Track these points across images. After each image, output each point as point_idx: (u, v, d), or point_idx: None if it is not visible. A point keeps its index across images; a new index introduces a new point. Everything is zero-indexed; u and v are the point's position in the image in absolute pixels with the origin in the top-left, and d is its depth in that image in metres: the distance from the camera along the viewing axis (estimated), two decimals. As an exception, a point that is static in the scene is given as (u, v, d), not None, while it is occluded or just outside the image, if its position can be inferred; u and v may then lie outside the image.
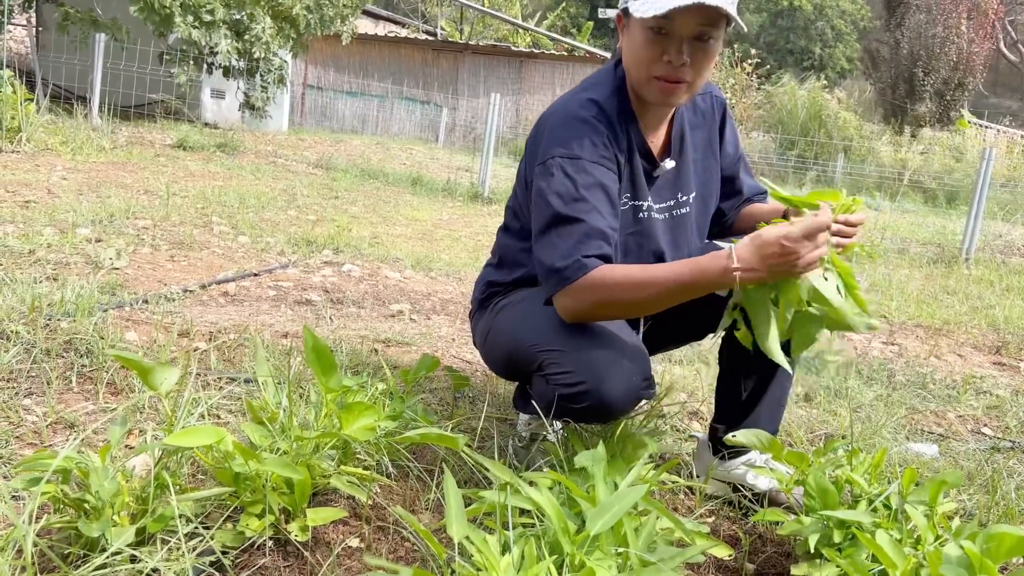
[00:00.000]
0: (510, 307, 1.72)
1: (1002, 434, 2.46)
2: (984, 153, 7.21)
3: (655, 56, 1.49)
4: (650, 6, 1.44)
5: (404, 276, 3.74)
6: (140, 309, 2.60)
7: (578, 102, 1.57)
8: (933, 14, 19.29)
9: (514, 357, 1.67)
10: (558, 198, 1.50)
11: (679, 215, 1.70)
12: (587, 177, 1.51)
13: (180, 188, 5.54)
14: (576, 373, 1.49)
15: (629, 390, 1.50)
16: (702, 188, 1.74)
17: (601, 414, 1.53)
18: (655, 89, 1.53)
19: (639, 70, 1.53)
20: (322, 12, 10.57)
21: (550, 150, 1.54)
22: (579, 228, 1.48)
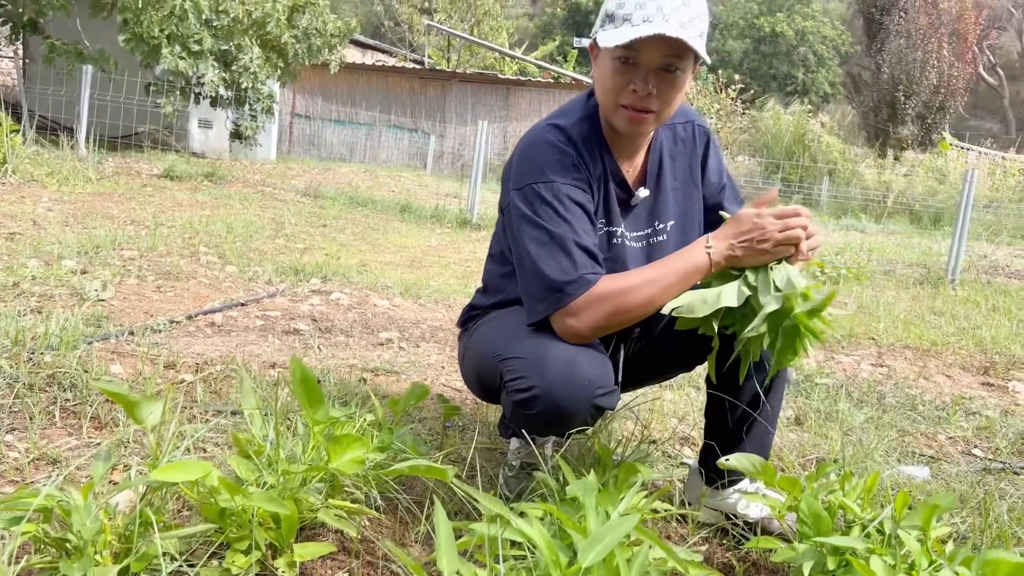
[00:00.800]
0: (483, 325, 1.74)
1: (992, 455, 2.46)
2: (966, 175, 7.29)
3: (622, 85, 1.52)
4: (615, 37, 1.47)
5: (393, 304, 3.73)
6: (126, 341, 2.57)
7: (544, 129, 1.60)
8: (912, 39, 19.59)
9: (481, 372, 1.68)
10: (540, 221, 1.52)
11: (656, 243, 1.71)
12: (565, 199, 1.54)
13: (167, 218, 5.53)
14: (528, 378, 1.48)
15: (582, 396, 1.47)
16: (681, 217, 1.74)
17: (555, 422, 1.50)
18: (623, 118, 1.55)
19: (607, 98, 1.56)
20: (310, 42, 10.66)
21: (523, 177, 1.56)
22: (570, 247, 1.51)
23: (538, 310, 1.53)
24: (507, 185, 1.62)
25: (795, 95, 26.75)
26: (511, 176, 1.60)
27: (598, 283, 1.49)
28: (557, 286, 1.49)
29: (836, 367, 3.39)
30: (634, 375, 1.85)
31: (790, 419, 2.62)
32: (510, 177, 1.61)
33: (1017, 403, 3.10)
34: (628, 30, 1.46)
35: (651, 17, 1.45)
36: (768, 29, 28.10)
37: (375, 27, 27.74)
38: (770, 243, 1.47)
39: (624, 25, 1.47)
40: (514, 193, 1.57)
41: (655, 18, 1.45)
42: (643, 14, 1.46)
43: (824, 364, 3.38)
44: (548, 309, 1.51)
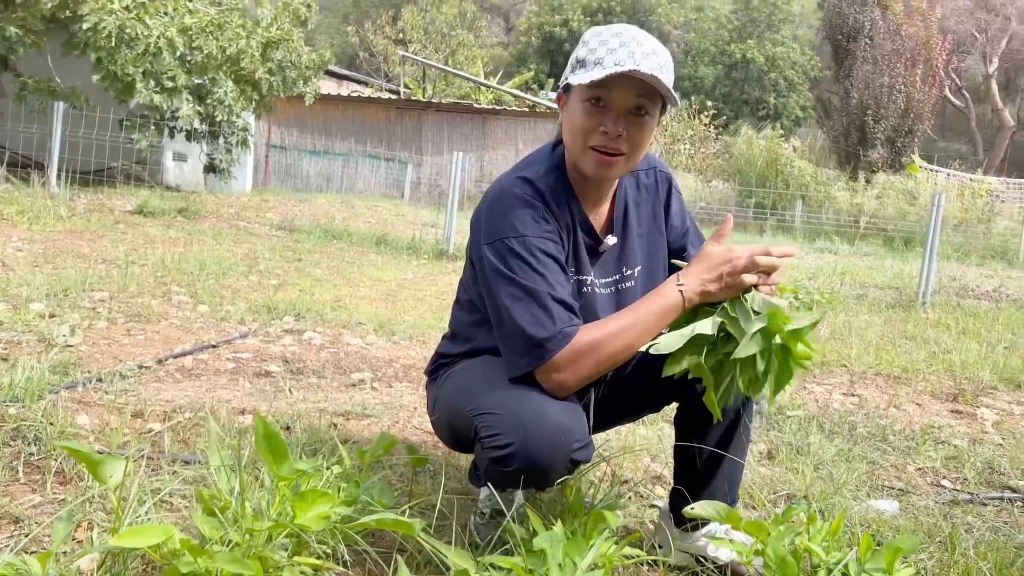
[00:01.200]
0: (453, 376, 1.73)
1: (961, 486, 2.49)
2: (934, 199, 7.42)
3: (592, 126, 1.54)
4: (590, 74, 1.50)
5: (366, 342, 3.72)
6: (93, 389, 2.55)
7: (512, 182, 1.61)
8: (880, 65, 19.99)
9: (454, 425, 1.68)
10: (514, 275, 1.53)
11: (624, 288, 1.73)
12: (537, 252, 1.55)
13: (139, 256, 5.49)
14: (505, 435, 1.48)
15: (559, 451, 1.48)
16: (647, 261, 1.77)
17: (533, 478, 1.51)
18: (592, 160, 1.57)
19: (576, 140, 1.58)
20: (284, 74, 10.69)
21: (494, 232, 1.57)
22: (546, 301, 1.52)
23: (520, 365, 1.54)
24: (477, 237, 1.62)
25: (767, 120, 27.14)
26: (481, 230, 1.61)
27: (577, 335, 1.51)
28: (537, 342, 1.50)
29: (808, 397, 3.42)
30: (604, 417, 1.87)
31: (762, 453, 2.63)
32: (480, 229, 1.61)
33: (985, 431, 3.14)
34: (601, 71, 1.49)
35: (622, 61, 1.49)
36: (739, 55, 28.56)
37: (350, 58, 27.89)
38: (738, 269, 1.50)
39: (596, 68, 1.51)
40: (486, 248, 1.58)
41: (626, 62, 1.49)
42: (615, 58, 1.50)
43: (796, 395, 3.41)
44: (530, 364, 1.52)
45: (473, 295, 1.73)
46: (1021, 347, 5.12)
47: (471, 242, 1.67)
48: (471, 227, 1.67)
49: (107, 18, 8.09)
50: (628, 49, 1.50)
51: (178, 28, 8.73)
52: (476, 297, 1.71)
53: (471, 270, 1.72)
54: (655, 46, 1.54)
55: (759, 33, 29.17)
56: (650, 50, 1.51)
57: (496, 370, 1.63)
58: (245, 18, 10.25)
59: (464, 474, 2.11)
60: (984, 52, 30.76)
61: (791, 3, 31.38)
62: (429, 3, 24.33)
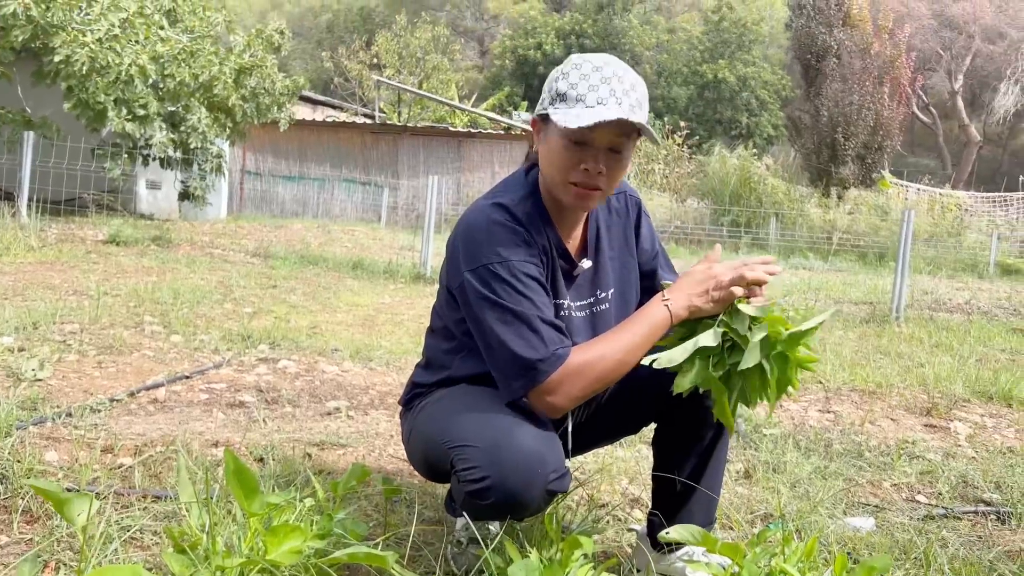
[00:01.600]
0: (428, 407, 1.72)
1: (935, 501, 2.51)
2: (904, 215, 7.53)
3: (573, 164, 1.55)
4: (574, 118, 1.50)
5: (342, 369, 3.70)
6: (63, 424, 2.50)
7: (489, 209, 1.61)
8: (849, 83, 20.34)
9: (430, 458, 1.66)
10: (501, 300, 1.53)
11: (599, 311, 1.75)
12: (521, 275, 1.55)
13: (111, 286, 5.43)
14: (480, 468, 1.47)
15: (536, 484, 1.48)
16: (620, 284, 1.79)
17: (510, 510, 1.51)
18: (571, 195, 1.59)
19: (556, 176, 1.58)
20: (258, 101, 10.68)
21: (476, 258, 1.56)
22: (536, 323, 1.53)
23: (514, 389, 1.54)
24: (456, 265, 1.61)
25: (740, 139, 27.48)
26: (461, 257, 1.60)
27: (570, 356, 1.52)
28: (530, 364, 1.51)
29: (784, 415, 3.44)
30: (582, 441, 1.87)
31: (739, 472, 2.64)
32: (459, 256, 1.60)
33: (959, 444, 3.17)
34: (585, 111, 1.50)
35: (604, 100, 1.51)
36: (711, 76, 28.93)
37: (325, 83, 27.94)
38: (725, 283, 1.54)
39: (578, 106, 1.51)
40: (468, 274, 1.57)
41: (608, 101, 1.51)
42: (596, 96, 1.51)
43: (772, 413, 3.42)
44: (525, 387, 1.52)
45: (449, 321, 1.72)
46: (992, 360, 5.19)
47: (448, 270, 1.66)
48: (448, 254, 1.66)
49: (79, 50, 8.04)
50: (609, 87, 1.51)
51: (150, 56, 8.70)
52: (452, 323, 1.71)
53: (446, 297, 1.71)
54: (633, 79, 1.56)
55: (730, 54, 29.58)
56: (629, 85, 1.53)
57: (472, 400, 1.62)
58: (218, 45, 10.24)
59: (440, 502, 2.10)
60: (949, 69, 31.41)
61: (760, 24, 31.90)
62: (403, 28, 24.45)
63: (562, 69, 1.59)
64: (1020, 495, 2.53)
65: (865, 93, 20.28)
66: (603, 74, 1.52)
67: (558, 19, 30.54)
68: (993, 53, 30.54)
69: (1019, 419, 3.67)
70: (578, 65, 1.55)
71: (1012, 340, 6.11)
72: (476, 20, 38.08)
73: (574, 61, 1.58)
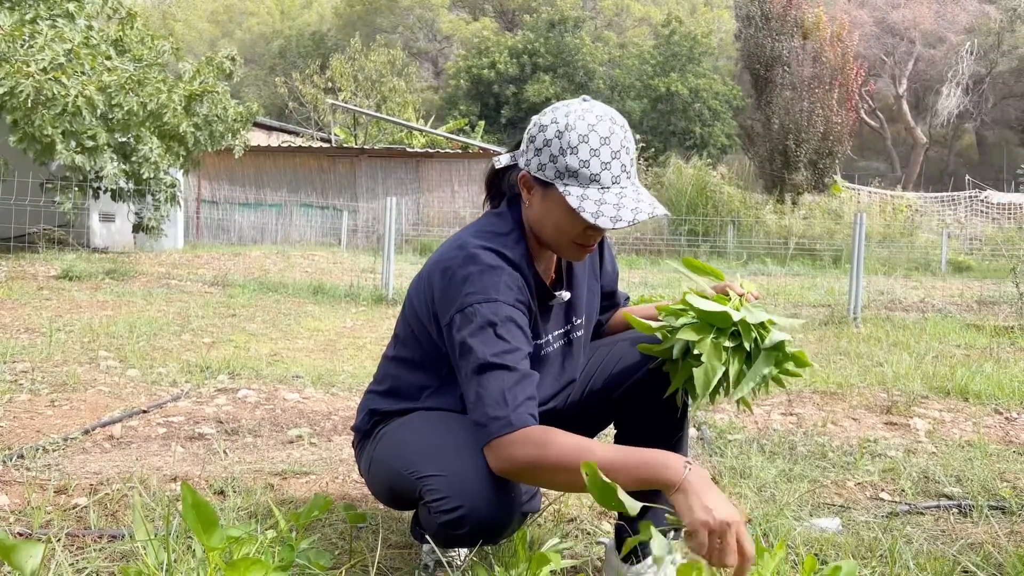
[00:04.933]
0: (388, 435, 1.68)
1: (898, 497, 2.54)
2: (856, 219, 7.67)
3: (578, 230, 1.56)
4: (603, 217, 1.48)
5: (303, 396, 3.64)
6: (14, 466, 2.43)
7: (485, 255, 1.55)
8: (798, 91, 20.74)
9: (395, 487, 1.62)
10: (483, 345, 1.48)
11: (575, 338, 1.77)
12: (507, 321, 1.51)
13: (65, 322, 5.30)
14: (452, 498, 1.46)
15: (510, 508, 1.48)
16: (588, 309, 1.83)
17: (485, 537, 1.50)
18: (574, 252, 1.62)
19: (560, 237, 1.58)
20: (211, 128, 10.55)
21: (467, 298, 1.52)
22: (513, 375, 1.47)
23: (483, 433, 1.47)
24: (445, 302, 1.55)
25: (694, 149, 27.87)
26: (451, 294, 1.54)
27: (538, 426, 1.45)
28: (496, 416, 1.44)
29: (748, 420, 3.46)
30: None
31: (706, 480, 2.64)
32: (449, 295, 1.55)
33: (919, 440, 3.22)
34: (603, 197, 1.49)
35: (618, 178, 1.51)
36: (663, 89, 29.30)
37: (279, 108, 27.75)
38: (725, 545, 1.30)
39: (592, 186, 1.50)
40: (457, 316, 1.52)
41: (622, 178, 1.52)
42: (610, 175, 1.51)
43: (736, 418, 3.45)
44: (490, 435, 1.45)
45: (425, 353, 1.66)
46: (948, 356, 5.30)
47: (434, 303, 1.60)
48: (433, 289, 1.60)
49: (23, 81, 7.89)
50: (620, 162, 1.51)
51: (96, 86, 8.56)
52: (430, 356, 1.66)
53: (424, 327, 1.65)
54: (630, 137, 1.56)
55: (681, 66, 30.02)
56: (632, 148, 1.55)
57: (433, 426, 1.60)
58: (166, 73, 10.12)
59: (406, 526, 2.07)
60: (893, 74, 32.26)
61: (710, 36, 32.45)
62: (357, 51, 24.42)
63: (567, 140, 1.51)
64: (980, 488, 2.57)
65: (815, 100, 20.69)
66: (612, 147, 1.51)
67: (511, 38, 30.78)
68: (934, 57, 31.44)
69: (976, 413, 3.74)
70: (584, 137, 1.50)
71: (966, 336, 6.24)
72: (429, 41, 38.18)
73: (577, 130, 1.50)
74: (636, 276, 11.24)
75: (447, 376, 1.65)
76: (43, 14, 8.85)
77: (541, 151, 1.54)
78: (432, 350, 1.65)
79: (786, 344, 1.63)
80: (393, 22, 36.72)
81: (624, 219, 1.48)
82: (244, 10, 41.35)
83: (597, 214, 1.49)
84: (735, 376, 1.61)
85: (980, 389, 4.06)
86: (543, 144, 1.54)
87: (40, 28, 8.49)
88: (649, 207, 1.51)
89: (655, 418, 1.75)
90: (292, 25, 38.61)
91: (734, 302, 1.65)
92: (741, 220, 16.65)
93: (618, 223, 1.48)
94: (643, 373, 1.72)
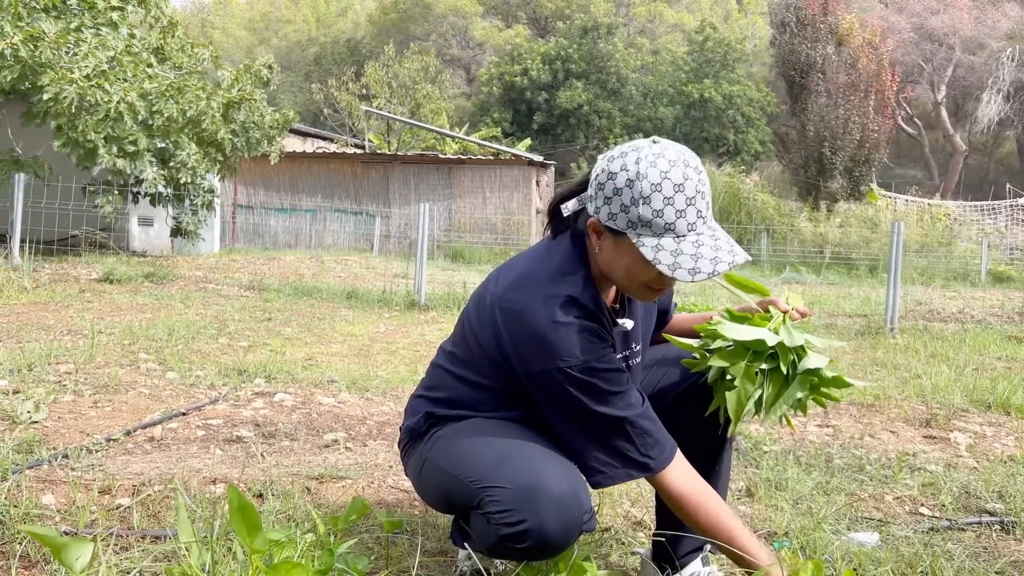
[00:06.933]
0: (446, 439, 1.68)
1: (939, 513, 2.50)
2: (893, 227, 7.56)
3: (650, 277, 1.52)
4: (681, 269, 1.44)
5: (339, 400, 3.68)
6: (59, 466, 2.48)
7: (560, 306, 1.53)
8: (834, 97, 20.53)
9: (452, 493, 1.63)
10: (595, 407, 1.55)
11: (633, 364, 1.74)
12: (608, 373, 1.56)
13: (106, 325, 5.41)
14: (516, 512, 1.46)
15: (572, 526, 1.49)
16: (645, 334, 1.80)
17: (543, 553, 1.51)
18: (645, 293, 1.60)
19: (632, 281, 1.56)
20: (248, 135, 10.71)
21: (556, 360, 1.52)
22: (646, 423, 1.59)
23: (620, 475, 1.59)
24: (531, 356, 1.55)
25: (727, 156, 27.67)
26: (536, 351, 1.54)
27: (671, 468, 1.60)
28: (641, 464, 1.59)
29: (783, 431, 3.43)
30: None
31: (741, 491, 2.63)
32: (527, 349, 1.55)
33: (959, 455, 3.16)
34: (679, 247, 1.45)
35: (694, 224, 1.45)
36: (697, 95, 29.17)
37: (314, 115, 28.08)
38: None
39: (667, 235, 1.45)
40: (546, 373, 1.54)
41: (698, 225, 1.46)
42: (686, 223, 1.45)
43: (771, 430, 3.42)
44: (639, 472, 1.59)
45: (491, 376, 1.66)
46: (989, 368, 5.20)
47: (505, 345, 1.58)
48: (504, 332, 1.58)
49: (67, 88, 8.08)
50: (696, 208, 1.45)
51: (138, 93, 8.74)
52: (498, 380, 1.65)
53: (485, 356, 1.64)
54: (705, 180, 1.49)
55: (714, 72, 29.86)
56: (708, 193, 1.49)
57: (501, 438, 1.60)
58: (204, 80, 10.30)
59: (442, 533, 2.08)
60: (932, 81, 31.74)
61: (744, 43, 32.25)
62: (391, 59, 24.63)
63: (639, 189, 1.44)
64: (1023, 504, 2.52)
65: (851, 107, 20.46)
66: (687, 194, 1.44)
67: (543, 45, 30.82)
68: (974, 64, 30.88)
69: (1018, 427, 3.67)
70: (656, 185, 1.43)
71: (1008, 348, 6.12)
72: (462, 48, 38.40)
73: (651, 179, 1.43)
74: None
75: (514, 397, 1.64)
76: (87, 22, 9.07)
77: (611, 200, 1.47)
78: (499, 375, 1.64)
79: (823, 370, 1.61)
80: (427, 29, 36.98)
81: (703, 271, 1.42)
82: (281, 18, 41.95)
83: (674, 266, 1.44)
84: (769, 400, 1.60)
85: (1023, 403, 3.98)
86: (613, 192, 1.47)
87: (84, 36, 8.69)
88: (729, 255, 1.45)
89: (697, 433, 1.75)
90: (327, 33, 39.10)
91: (775, 321, 1.62)
92: (775, 228, 16.49)
93: (697, 275, 1.42)
94: (686, 388, 1.72)
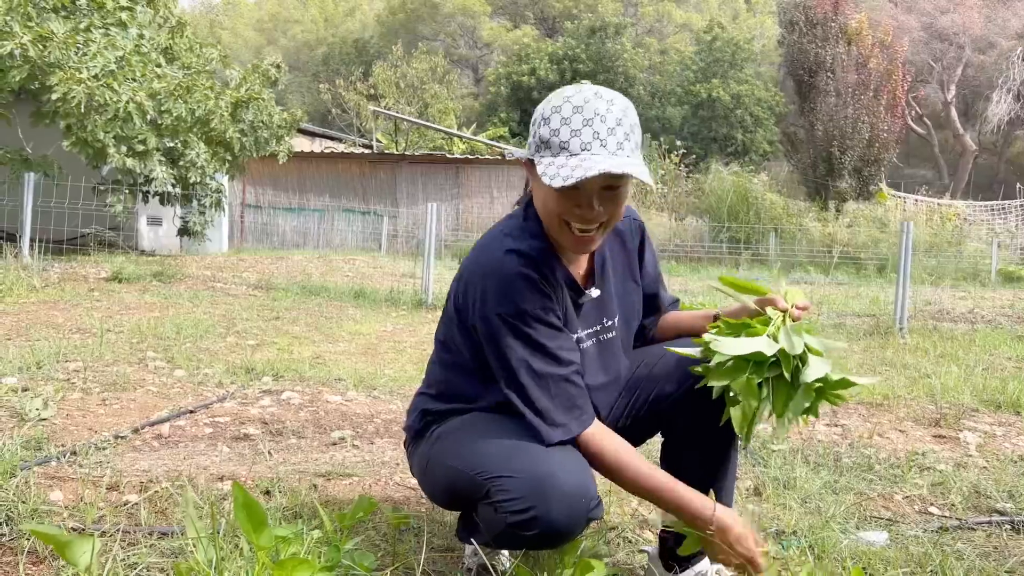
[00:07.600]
0: (447, 436, 1.68)
1: (948, 512, 2.48)
2: (903, 227, 7.52)
3: (566, 208, 1.51)
4: (555, 172, 1.45)
5: (346, 398, 3.68)
6: (68, 463, 2.49)
7: (505, 259, 1.55)
8: (843, 97, 20.47)
9: (457, 487, 1.63)
10: (526, 356, 1.55)
11: (606, 339, 1.73)
12: (542, 325, 1.55)
13: (115, 323, 5.43)
14: (524, 499, 1.46)
15: (579, 514, 1.49)
16: (624, 310, 1.78)
17: (552, 540, 1.51)
18: (571, 240, 1.56)
19: (552, 220, 1.55)
20: (256, 135, 10.75)
21: (497, 308, 1.54)
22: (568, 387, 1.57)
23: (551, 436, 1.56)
24: (474, 310, 1.59)
25: (735, 156, 27.61)
26: (477, 303, 1.58)
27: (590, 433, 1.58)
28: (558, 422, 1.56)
29: (791, 430, 3.41)
30: None
31: (749, 489, 2.62)
32: (474, 304, 1.58)
33: (969, 454, 3.14)
34: (567, 162, 1.44)
35: (589, 144, 1.44)
36: (705, 95, 29.12)
37: (323, 115, 28.14)
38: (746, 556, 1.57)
39: (562, 154, 1.45)
40: (485, 320, 1.57)
41: (593, 145, 1.43)
42: (580, 142, 1.44)
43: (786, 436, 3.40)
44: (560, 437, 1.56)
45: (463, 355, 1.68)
46: (999, 368, 5.17)
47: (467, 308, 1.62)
48: (464, 294, 1.62)
49: (76, 87, 8.12)
50: (592, 129, 1.44)
51: (147, 92, 8.77)
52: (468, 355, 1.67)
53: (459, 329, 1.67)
54: (618, 114, 1.46)
55: (723, 72, 29.80)
56: (614, 122, 1.45)
57: (496, 428, 1.60)
58: (213, 80, 10.33)
59: (448, 530, 2.08)
60: (941, 80, 31.60)
61: (752, 42, 32.17)
62: (399, 59, 24.66)
63: (543, 112, 1.51)
64: (1034, 504, 2.51)
65: (860, 106, 20.39)
66: (584, 115, 1.44)
67: (551, 45, 30.81)
68: (984, 63, 30.73)
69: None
70: (557, 108, 1.47)
71: (1018, 348, 6.09)
72: (470, 48, 38.43)
73: (554, 103, 1.49)
74: (676, 284, 11.15)
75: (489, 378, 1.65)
76: (96, 23, 9.11)
77: (530, 133, 1.55)
78: (475, 351, 1.65)
79: (828, 376, 1.58)
80: (435, 29, 37.04)
81: (574, 176, 1.41)
82: (289, 18, 42.05)
83: (553, 176, 1.44)
84: (777, 409, 1.58)
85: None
86: (531, 125, 1.55)
87: (93, 36, 8.73)
88: (611, 167, 1.41)
89: (702, 435, 1.74)
90: (335, 33, 39.18)
91: (774, 324, 1.60)
92: (783, 227, 16.44)
93: (568, 180, 1.41)
94: (689, 386, 1.71)
